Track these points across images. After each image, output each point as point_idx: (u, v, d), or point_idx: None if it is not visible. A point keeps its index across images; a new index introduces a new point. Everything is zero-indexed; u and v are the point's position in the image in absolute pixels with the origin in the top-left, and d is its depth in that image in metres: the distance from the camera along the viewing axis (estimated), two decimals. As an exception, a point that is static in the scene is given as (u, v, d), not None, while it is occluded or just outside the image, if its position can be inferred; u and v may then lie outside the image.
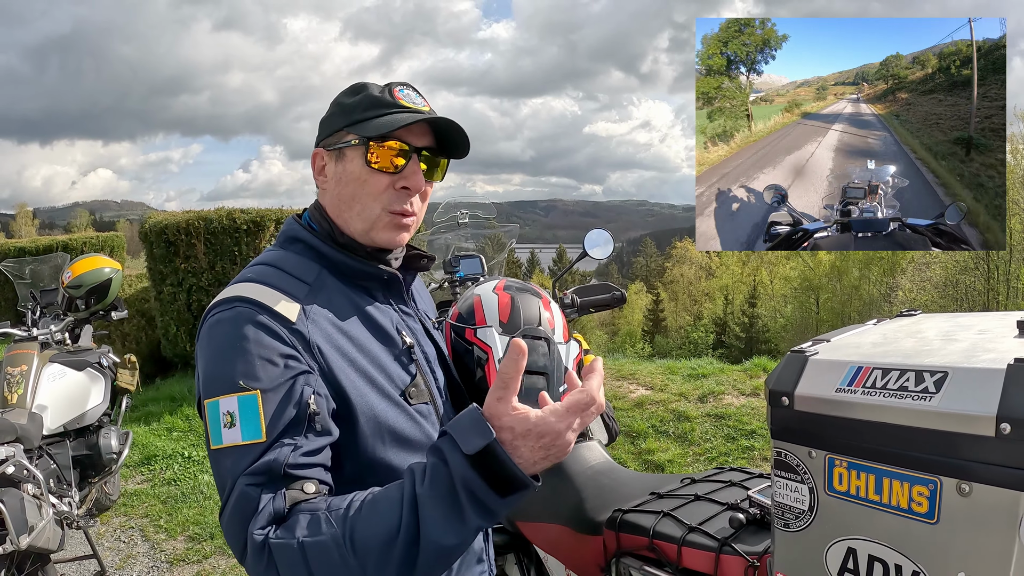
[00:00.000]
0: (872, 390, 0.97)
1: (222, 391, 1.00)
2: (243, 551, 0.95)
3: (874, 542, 0.99)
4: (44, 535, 2.62)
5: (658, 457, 4.58)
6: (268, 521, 0.93)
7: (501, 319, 1.35)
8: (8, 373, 3.23)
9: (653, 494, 1.75)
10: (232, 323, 1.04)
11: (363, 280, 1.21)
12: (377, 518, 0.90)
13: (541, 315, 1.39)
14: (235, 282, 1.12)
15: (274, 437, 0.97)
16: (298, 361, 1.03)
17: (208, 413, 1.00)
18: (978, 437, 0.87)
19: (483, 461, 0.88)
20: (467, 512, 0.89)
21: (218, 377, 1.01)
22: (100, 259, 3.86)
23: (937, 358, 0.98)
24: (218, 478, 1.00)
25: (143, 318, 8.21)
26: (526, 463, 0.90)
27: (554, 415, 0.91)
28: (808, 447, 1.05)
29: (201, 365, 1.06)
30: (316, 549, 0.90)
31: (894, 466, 0.95)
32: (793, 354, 1.13)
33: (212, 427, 0.99)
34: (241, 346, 1.01)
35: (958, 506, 0.90)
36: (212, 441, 1.00)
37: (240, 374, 0.99)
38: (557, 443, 0.90)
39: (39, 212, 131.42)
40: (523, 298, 1.43)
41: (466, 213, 2.70)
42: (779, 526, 1.14)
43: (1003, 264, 21.96)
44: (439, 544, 0.89)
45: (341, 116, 1.19)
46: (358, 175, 1.16)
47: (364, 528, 0.90)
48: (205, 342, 1.06)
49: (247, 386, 0.99)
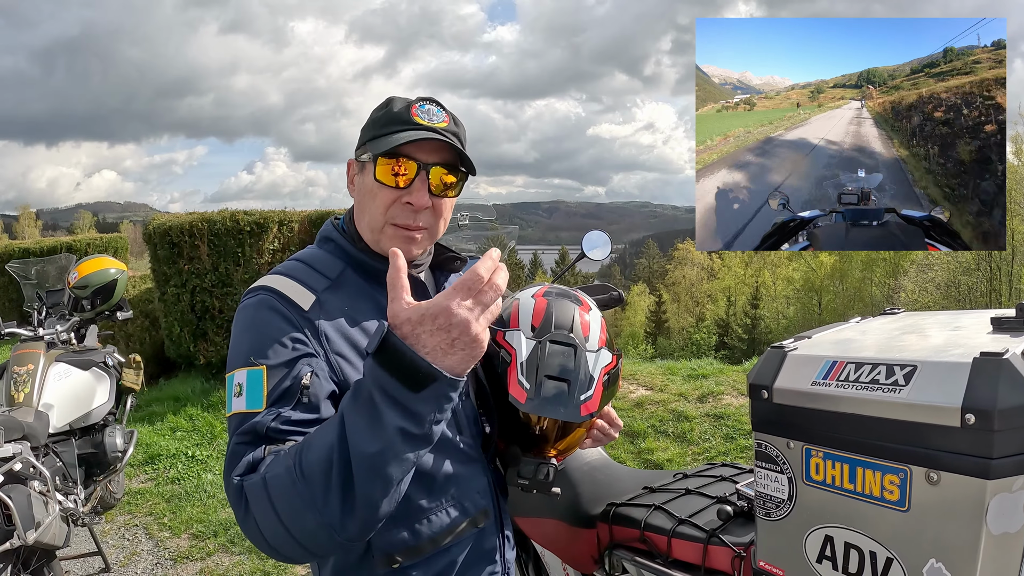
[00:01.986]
0: (845, 383, 1.02)
1: (237, 365, 1.11)
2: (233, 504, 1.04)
3: (850, 530, 1.03)
4: (50, 531, 2.67)
5: (657, 456, 4.61)
6: (246, 469, 1.02)
7: (533, 323, 1.36)
8: (15, 372, 3.28)
9: (646, 488, 1.79)
10: (254, 308, 1.16)
11: (383, 279, 1.20)
12: (317, 442, 0.96)
13: (575, 321, 1.39)
14: (268, 273, 1.24)
15: (268, 406, 1.07)
16: (304, 344, 1.12)
17: (227, 385, 1.12)
18: (945, 427, 0.91)
19: (386, 357, 0.91)
20: (385, 413, 0.91)
21: (236, 354, 1.13)
22: (106, 260, 3.91)
23: (908, 353, 1.02)
24: (229, 435, 1.11)
25: (147, 319, 8.26)
26: (432, 352, 0.92)
27: (441, 295, 0.93)
28: (786, 438, 1.09)
29: (229, 344, 1.18)
30: (275, 481, 0.96)
31: (867, 456, 0.99)
32: (772, 350, 1.17)
33: (228, 397, 1.11)
34: (257, 328, 1.13)
35: (927, 494, 0.93)
36: (228, 407, 1.11)
37: (253, 351, 1.10)
38: (455, 323, 0.91)
39: (42, 214, 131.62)
40: (559, 303, 1.44)
41: (466, 215, 2.75)
42: (761, 515, 1.18)
43: (1005, 265, 21.93)
44: (364, 452, 0.91)
45: (368, 129, 1.27)
46: (370, 188, 1.23)
47: (307, 453, 0.95)
48: (234, 324, 1.19)
49: (256, 362, 1.09)
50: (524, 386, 1.28)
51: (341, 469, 0.92)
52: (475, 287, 0.93)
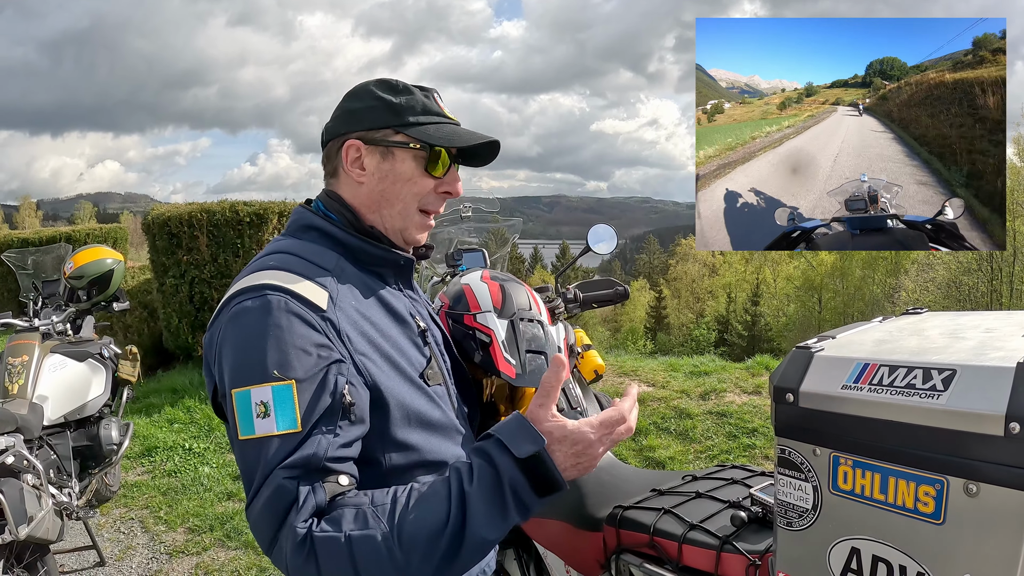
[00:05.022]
0: (879, 387, 0.96)
1: (255, 380, 0.99)
2: (271, 543, 0.96)
3: (879, 542, 0.98)
4: (43, 526, 2.62)
5: (659, 454, 4.56)
6: (310, 514, 0.94)
7: (495, 305, 1.46)
8: (9, 363, 3.23)
9: (654, 491, 1.74)
10: (263, 311, 1.03)
11: (379, 267, 1.24)
12: (425, 513, 0.95)
13: (530, 300, 1.50)
14: (256, 270, 1.11)
15: (310, 427, 0.98)
16: (330, 350, 1.04)
17: (237, 402, 0.99)
18: (986, 436, 0.85)
19: (530, 464, 0.97)
20: (510, 509, 0.97)
21: (250, 366, 1.00)
22: (102, 250, 3.85)
23: (945, 356, 0.96)
24: (246, 468, 0.99)
25: (145, 310, 8.21)
26: (561, 467, 0.99)
27: (589, 426, 1.01)
28: (813, 445, 1.04)
29: (228, 354, 1.03)
30: (363, 543, 0.92)
31: (900, 465, 0.93)
32: (798, 350, 1.11)
33: (242, 417, 0.99)
34: (274, 335, 1.01)
35: (965, 507, 0.88)
36: (242, 431, 0.98)
37: (274, 363, 0.99)
38: (588, 452, 1.00)
39: (43, 204, 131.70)
40: (511, 286, 1.53)
41: (469, 207, 2.69)
42: (782, 524, 1.12)
43: (1006, 265, 21.92)
44: (482, 537, 0.95)
45: (389, 113, 1.20)
46: (409, 176, 1.20)
47: (412, 523, 0.94)
48: (231, 330, 1.04)
49: (282, 376, 0.98)
50: (512, 362, 1.39)
51: (449, 545, 0.94)
52: (616, 425, 1.04)
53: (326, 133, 1.25)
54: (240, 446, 0.99)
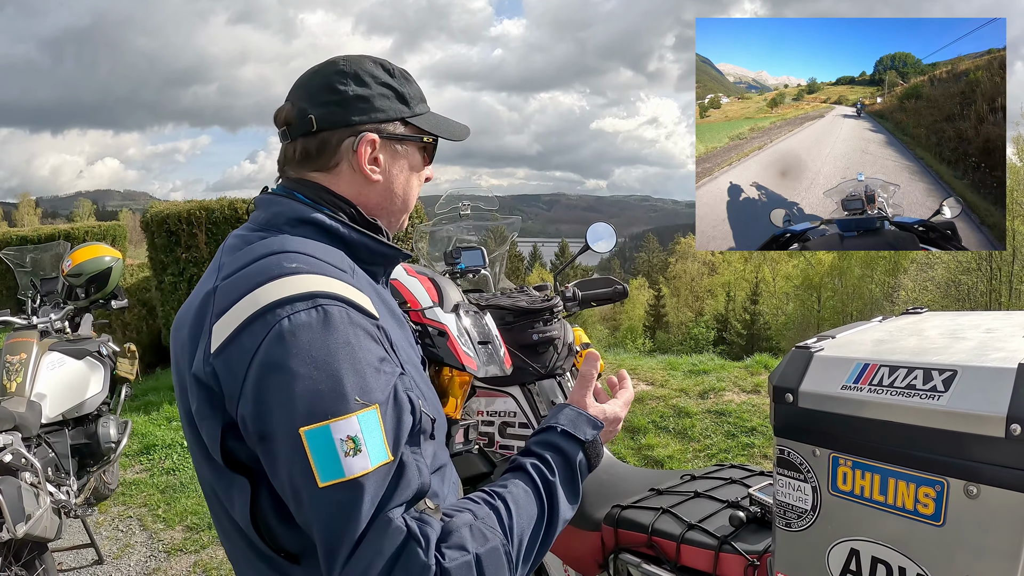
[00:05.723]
0: (879, 388, 0.96)
1: (336, 412, 0.84)
2: None
3: (878, 543, 0.97)
4: (41, 524, 2.61)
5: (658, 453, 4.56)
6: (435, 547, 0.85)
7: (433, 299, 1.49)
8: (7, 361, 3.22)
9: (652, 490, 1.73)
10: (326, 326, 0.87)
11: (374, 264, 1.14)
12: (526, 515, 0.98)
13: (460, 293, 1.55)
14: (281, 274, 0.91)
15: (400, 454, 0.88)
16: (393, 364, 0.94)
17: (311, 443, 0.83)
18: (987, 438, 0.85)
19: (593, 447, 1.10)
20: (579, 489, 1.07)
21: (323, 396, 0.84)
22: (100, 248, 3.84)
23: (945, 356, 0.96)
24: (334, 517, 0.83)
25: (144, 307, 8.20)
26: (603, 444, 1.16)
27: (618, 406, 1.20)
28: (812, 445, 1.04)
29: (282, 383, 0.85)
30: (489, 558, 0.89)
31: (900, 466, 0.93)
32: (798, 350, 1.11)
33: (323, 459, 0.83)
34: (347, 354, 0.87)
35: (965, 508, 0.88)
36: (323, 476, 0.82)
37: (355, 389, 0.85)
38: (616, 428, 1.20)
39: (42, 201, 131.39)
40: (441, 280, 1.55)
41: (468, 205, 2.68)
42: (780, 525, 1.12)
43: (1006, 265, 21.93)
44: (565, 520, 1.04)
45: (401, 103, 1.11)
46: (418, 169, 1.16)
47: (519, 527, 0.96)
48: (284, 353, 0.85)
49: (365, 402, 0.85)
50: (471, 354, 1.43)
51: (544, 536, 1.00)
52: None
53: (320, 120, 1.06)
54: (322, 495, 0.83)
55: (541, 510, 1.00)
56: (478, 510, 0.94)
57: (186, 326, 0.98)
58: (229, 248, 1.03)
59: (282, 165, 1.13)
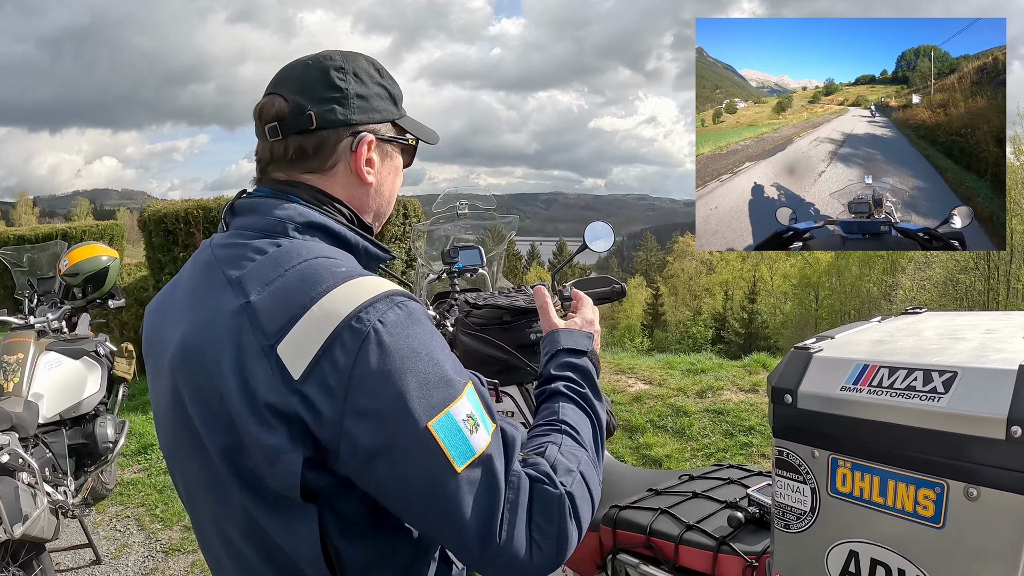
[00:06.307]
0: (878, 389, 0.95)
1: (451, 397, 0.86)
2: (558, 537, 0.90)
3: (877, 545, 0.97)
4: (39, 524, 2.61)
5: (656, 452, 4.56)
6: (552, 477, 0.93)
7: None
8: (4, 361, 3.21)
9: (650, 490, 1.73)
10: (413, 320, 0.88)
11: (371, 267, 1.12)
12: (582, 424, 1.07)
13: None
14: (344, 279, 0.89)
15: (495, 418, 0.93)
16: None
17: (443, 434, 0.84)
18: (987, 440, 0.84)
19: (592, 354, 1.21)
20: (600, 390, 1.17)
21: (436, 385, 0.85)
22: (97, 247, 3.83)
23: (945, 357, 0.95)
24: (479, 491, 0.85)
25: (142, 307, 8.18)
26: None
27: (586, 311, 1.33)
28: (811, 447, 1.03)
29: (396, 381, 0.83)
30: (586, 469, 0.98)
31: (899, 468, 0.92)
32: (797, 351, 1.10)
33: (456, 444, 0.84)
34: (437, 341, 0.89)
35: (965, 511, 0.87)
36: (459, 459, 0.84)
37: (453, 371, 0.89)
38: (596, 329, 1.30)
39: (40, 200, 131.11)
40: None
41: (465, 204, 2.68)
42: (779, 527, 1.11)
43: (1004, 264, 21.96)
44: (603, 419, 1.12)
45: (391, 104, 1.10)
46: (399, 168, 1.14)
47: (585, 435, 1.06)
48: (388, 354, 0.84)
49: (463, 379, 0.89)
50: None
51: (602, 440, 1.10)
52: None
53: (320, 118, 1.01)
54: (463, 479, 0.84)
55: (589, 417, 1.09)
56: (554, 438, 1.02)
57: (215, 350, 0.89)
58: (227, 259, 0.96)
59: (265, 164, 1.06)
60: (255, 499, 0.89)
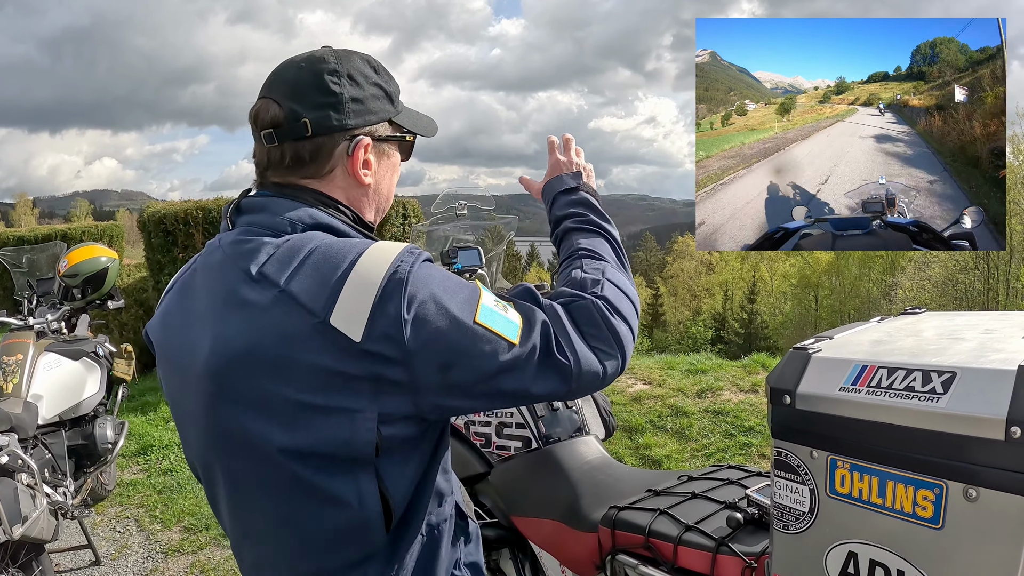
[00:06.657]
0: (877, 390, 0.95)
1: (477, 294, 0.98)
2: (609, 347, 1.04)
3: (876, 546, 0.97)
4: (38, 525, 2.61)
5: (655, 452, 4.56)
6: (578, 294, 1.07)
7: None
8: (4, 362, 3.21)
9: (650, 491, 1.73)
10: (431, 263, 0.99)
11: None
12: (599, 244, 1.24)
13: None
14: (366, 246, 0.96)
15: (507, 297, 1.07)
16: None
17: (487, 320, 0.95)
18: (987, 440, 0.84)
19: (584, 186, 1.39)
20: (603, 212, 1.34)
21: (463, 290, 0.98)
22: (96, 248, 3.83)
23: (944, 358, 0.95)
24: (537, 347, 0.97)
25: (141, 308, 8.19)
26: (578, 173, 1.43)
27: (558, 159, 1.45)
28: (810, 447, 1.03)
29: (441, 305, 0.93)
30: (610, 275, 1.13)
31: (898, 469, 0.92)
32: (795, 351, 1.10)
33: (502, 323, 0.96)
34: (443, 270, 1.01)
35: (964, 512, 0.87)
36: (512, 331, 0.97)
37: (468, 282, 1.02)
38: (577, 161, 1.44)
39: (40, 201, 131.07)
40: None
41: (464, 204, 2.67)
42: (778, 527, 1.11)
43: (1003, 264, 21.97)
44: (616, 235, 1.29)
45: (388, 103, 1.09)
46: (397, 166, 1.15)
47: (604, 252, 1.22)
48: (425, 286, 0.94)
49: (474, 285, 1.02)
50: None
51: (620, 251, 1.26)
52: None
53: (315, 125, 1.02)
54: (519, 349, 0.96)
55: (600, 235, 1.26)
56: (575, 263, 1.19)
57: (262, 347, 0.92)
58: (242, 255, 0.98)
59: (264, 168, 1.07)
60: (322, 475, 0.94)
